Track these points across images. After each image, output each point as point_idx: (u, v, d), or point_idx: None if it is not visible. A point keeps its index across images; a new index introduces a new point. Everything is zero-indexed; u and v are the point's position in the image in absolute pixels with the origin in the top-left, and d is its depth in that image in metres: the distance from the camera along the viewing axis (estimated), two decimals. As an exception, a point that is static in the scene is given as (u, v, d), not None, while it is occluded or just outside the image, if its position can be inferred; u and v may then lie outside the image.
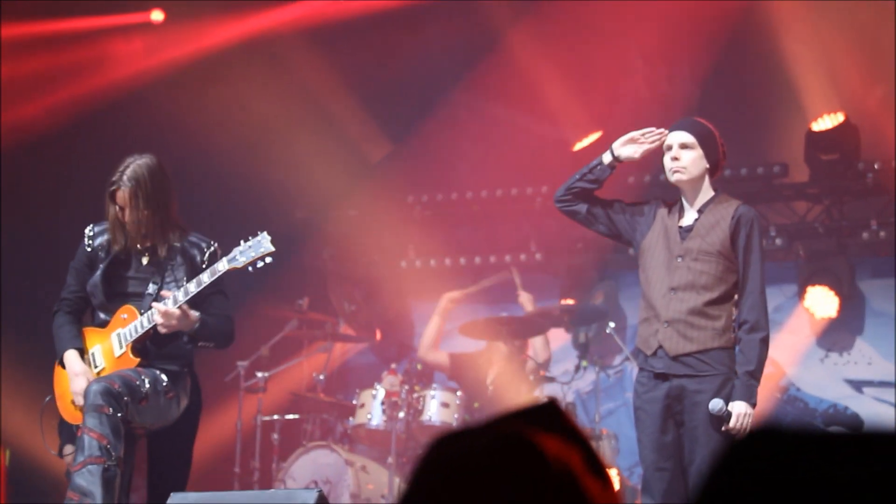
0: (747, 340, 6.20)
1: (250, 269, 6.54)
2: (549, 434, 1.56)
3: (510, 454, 1.53)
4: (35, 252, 9.90)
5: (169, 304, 6.47)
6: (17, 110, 10.04)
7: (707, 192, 6.39)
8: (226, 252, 6.59)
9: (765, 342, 6.20)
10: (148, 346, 6.64)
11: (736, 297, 6.31)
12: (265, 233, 6.58)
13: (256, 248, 6.53)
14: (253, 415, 9.94)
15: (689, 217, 6.39)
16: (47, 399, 6.75)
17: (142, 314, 6.59)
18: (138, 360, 6.59)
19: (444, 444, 1.59)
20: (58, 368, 6.78)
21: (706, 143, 6.32)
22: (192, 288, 6.52)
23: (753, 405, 6.17)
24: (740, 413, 6.08)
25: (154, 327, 6.53)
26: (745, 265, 6.26)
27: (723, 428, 6.11)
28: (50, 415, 6.78)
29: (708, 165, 6.33)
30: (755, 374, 6.17)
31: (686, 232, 6.34)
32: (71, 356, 6.65)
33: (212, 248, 6.71)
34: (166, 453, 6.75)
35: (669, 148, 6.36)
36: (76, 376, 6.58)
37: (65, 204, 9.92)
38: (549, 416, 1.60)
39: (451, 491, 1.53)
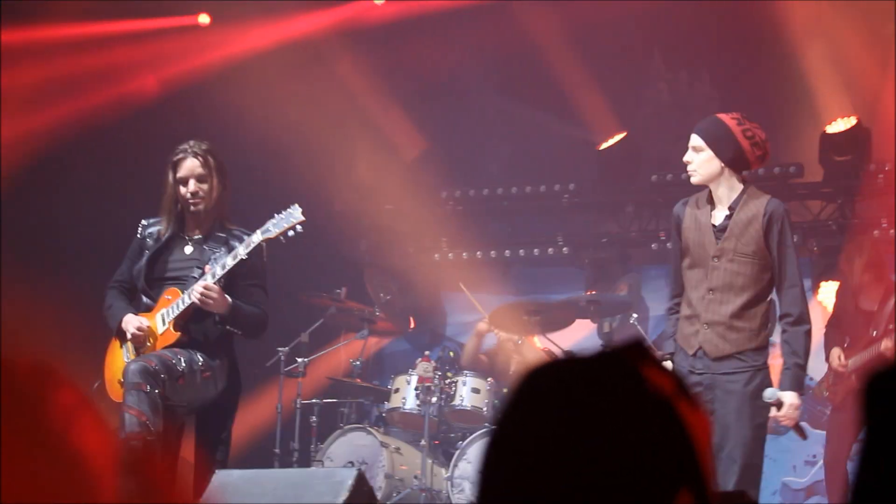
0: (793, 332, 6.27)
1: (282, 239, 6.74)
2: (644, 363, 1.64)
3: (614, 372, 1.61)
4: (93, 243, 9.96)
5: (208, 279, 6.68)
6: (65, 107, 10.19)
7: (735, 189, 6.38)
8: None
9: (808, 334, 6.28)
10: (189, 325, 6.84)
11: (769, 297, 6.36)
12: (296, 204, 6.81)
13: (287, 218, 6.74)
14: (293, 398, 9.93)
15: (721, 215, 6.40)
16: (95, 385, 6.94)
17: (184, 294, 6.82)
18: (179, 333, 6.79)
19: (546, 366, 1.66)
20: (108, 352, 7.02)
21: (716, 142, 6.31)
22: (230, 261, 6.71)
23: (802, 395, 6.27)
24: (792, 403, 6.19)
25: (193, 304, 6.74)
26: (781, 260, 6.28)
27: (771, 415, 6.21)
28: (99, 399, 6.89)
29: (723, 164, 6.31)
30: (803, 366, 6.26)
31: (720, 232, 6.35)
32: (127, 317, 6.92)
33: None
34: (209, 432, 6.91)
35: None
36: (133, 320, 6.88)
37: (114, 197, 10.10)
38: (643, 350, 1.67)
39: (555, 397, 1.60)
